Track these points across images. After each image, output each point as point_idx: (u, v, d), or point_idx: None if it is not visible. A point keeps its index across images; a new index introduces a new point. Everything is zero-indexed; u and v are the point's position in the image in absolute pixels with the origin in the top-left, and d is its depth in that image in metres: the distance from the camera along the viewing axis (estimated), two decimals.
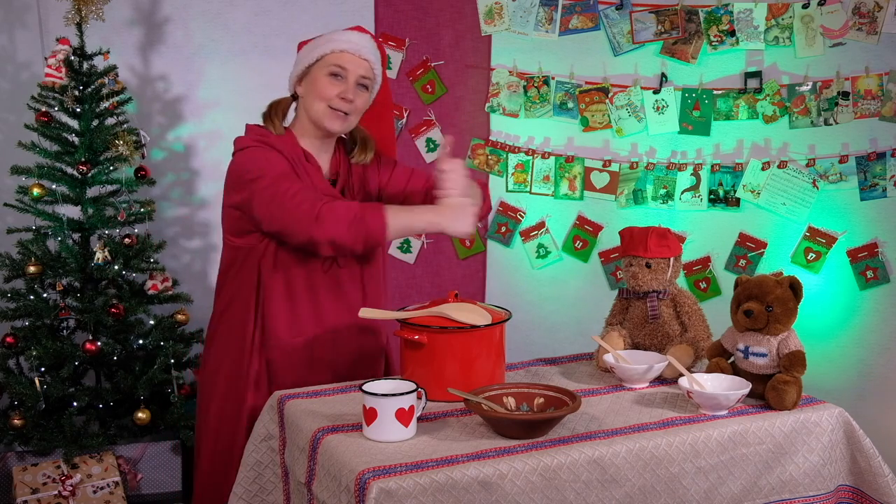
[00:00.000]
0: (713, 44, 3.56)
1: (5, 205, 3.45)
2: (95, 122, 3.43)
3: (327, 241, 2.20)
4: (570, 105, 3.73)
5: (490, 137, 3.84)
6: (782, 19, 3.49)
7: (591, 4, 3.67)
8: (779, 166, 3.52)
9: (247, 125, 2.49)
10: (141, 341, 3.44)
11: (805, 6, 3.46)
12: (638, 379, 2.27)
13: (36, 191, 3.34)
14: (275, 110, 2.47)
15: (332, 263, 2.40)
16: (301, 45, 2.49)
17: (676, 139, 3.67)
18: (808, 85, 3.48)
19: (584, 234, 3.78)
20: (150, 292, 3.45)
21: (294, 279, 2.38)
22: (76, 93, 3.38)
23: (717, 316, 2.50)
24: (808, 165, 3.49)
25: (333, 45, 2.38)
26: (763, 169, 3.55)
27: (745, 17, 3.52)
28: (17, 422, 3.26)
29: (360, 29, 2.48)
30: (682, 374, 2.16)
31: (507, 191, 3.84)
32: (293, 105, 2.51)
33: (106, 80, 3.43)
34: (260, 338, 2.40)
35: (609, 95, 3.68)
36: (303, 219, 2.20)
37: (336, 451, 1.89)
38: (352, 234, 2.19)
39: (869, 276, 3.42)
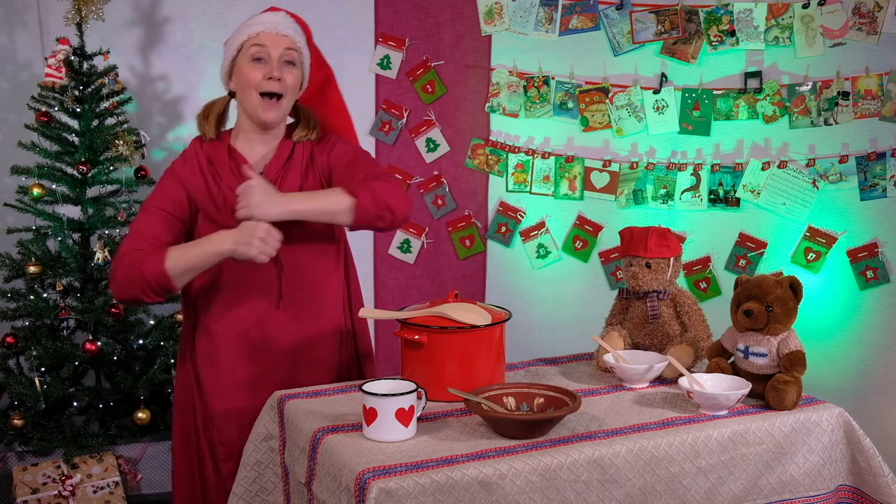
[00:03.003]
0: (713, 44, 3.56)
1: (5, 205, 3.45)
2: (95, 122, 3.44)
3: (125, 300, 2.29)
4: (570, 105, 3.74)
5: (490, 137, 3.84)
6: (782, 19, 3.49)
7: (591, 4, 3.67)
8: (779, 166, 3.52)
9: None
10: (141, 341, 3.44)
11: (805, 6, 3.46)
12: (638, 379, 2.27)
13: (36, 191, 3.35)
14: (208, 112, 2.45)
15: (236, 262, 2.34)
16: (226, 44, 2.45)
17: (676, 139, 3.67)
18: (808, 85, 3.48)
19: (584, 234, 3.78)
20: None
21: (218, 272, 2.35)
22: (76, 93, 3.38)
23: (717, 316, 2.50)
24: (808, 165, 3.49)
25: (249, 31, 2.36)
26: (763, 169, 3.55)
27: (745, 17, 3.52)
28: (17, 422, 3.26)
29: (273, 9, 2.43)
30: (682, 374, 2.16)
31: (507, 191, 3.84)
32: (227, 100, 2.46)
33: (106, 80, 3.43)
34: (192, 334, 2.42)
35: (609, 95, 3.68)
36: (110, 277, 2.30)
37: (336, 451, 1.89)
38: (134, 289, 2.23)
39: (869, 276, 3.42)
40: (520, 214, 3.83)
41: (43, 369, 3.31)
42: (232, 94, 2.44)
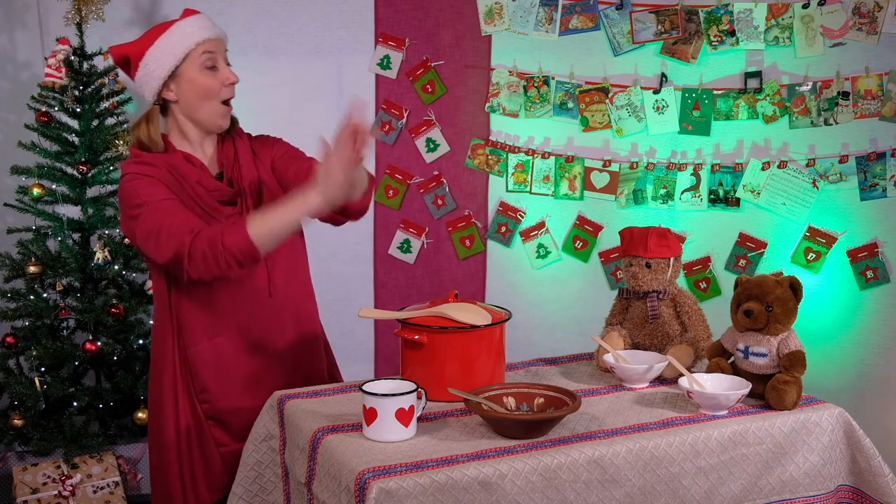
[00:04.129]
0: (713, 44, 3.56)
1: (5, 205, 3.45)
2: (95, 122, 3.44)
3: (208, 279, 2.19)
4: (570, 105, 3.74)
5: (490, 137, 3.84)
6: (782, 19, 3.49)
7: (591, 4, 3.67)
8: (779, 166, 3.52)
9: (130, 147, 2.39)
10: (141, 341, 3.44)
11: (805, 6, 3.46)
12: (638, 379, 2.27)
13: (36, 191, 3.35)
14: (147, 127, 2.32)
15: None
16: (123, 48, 2.37)
17: (676, 139, 3.67)
18: (808, 85, 3.48)
19: (584, 234, 3.78)
20: (150, 292, 3.45)
21: (196, 286, 2.30)
22: (76, 93, 3.38)
23: (717, 316, 2.50)
24: (808, 165, 3.49)
25: (193, 39, 2.30)
26: (763, 169, 3.55)
27: (745, 17, 3.52)
28: (17, 422, 3.26)
29: (192, 11, 2.38)
30: (682, 374, 2.16)
31: (507, 191, 3.84)
32: (157, 110, 2.36)
33: (106, 80, 3.43)
34: (178, 344, 2.36)
35: (609, 95, 3.68)
36: (176, 260, 2.17)
37: (336, 451, 1.89)
38: (221, 265, 2.14)
39: (869, 276, 3.42)
40: (520, 214, 3.83)
41: (43, 369, 3.31)
42: (160, 104, 2.35)
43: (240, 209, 2.36)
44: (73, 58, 3.40)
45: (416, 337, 2.13)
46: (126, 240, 3.43)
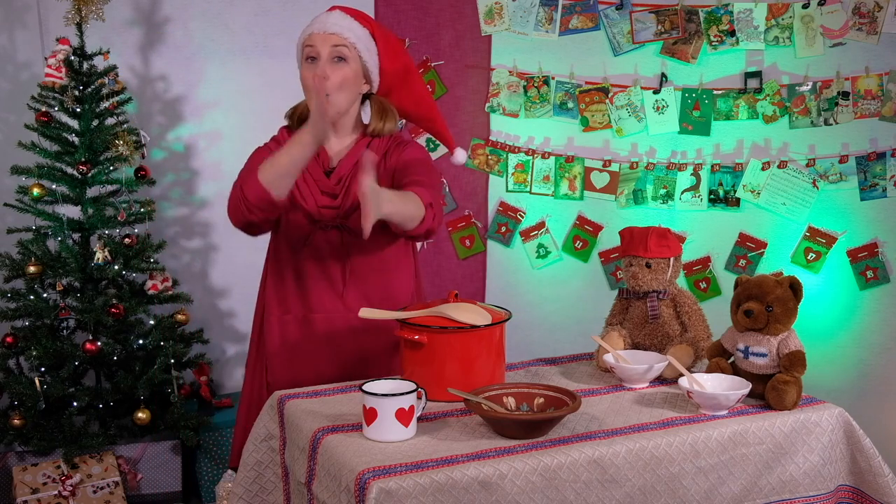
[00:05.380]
0: (713, 44, 3.56)
1: (5, 205, 3.45)
2: (95, 122, 3.43)
3: (242, 225, 2.34)
4: (570, 105, 3.74)
5: (490, 137, 3.84)
6: (782, 19, 3.49)
7: (591, 4, 3.67)
8: (779, 166, 3.52)
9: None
10: (141, 341, 3.44)
11: (805, 6, 3.46)
12: (638, 379, 2.27)
13: (36, 191, 3.34)
14: (293, 112, 2.53)
15: (306, 244, 2.44)
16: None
17: (676, 139, 3.67)
18: (808, 85, 3.48)
19: (584, 234, 3.78)
20: (150, 292, 3.45)
21: (282, 258, 2.47)
22: (76, 93, 3.38)
23: (717, 316, 2.50)
24: (808, 165, 3.49)
25: (305, 34, 2.41)
26: (763, 169, 3.55)
27: (745, 17, 3.52)
28: (17, 422, 3.26)
29: (333, 8, 2.44)
30: (682, 374, 2.16)
31: (507, 191, 3.84)
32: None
33: (106, 80, 3.43)
34: (261, 311, 2.53)
35: (609, 95, 3.68)
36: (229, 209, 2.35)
37: (336, 451, 1.89)
38: (242, 210, 2.27)
39: (869, 276, 3.42)
40: (520, 214, 3.83)
41: (43, 369, 3.31)
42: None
43: (338, 203, 2.41)
44: (73, 58, 3.39)
45: (416, 337, 2.12)
46: (126, 239, 3.43)
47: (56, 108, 3.40)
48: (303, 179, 2.40)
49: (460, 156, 2.65)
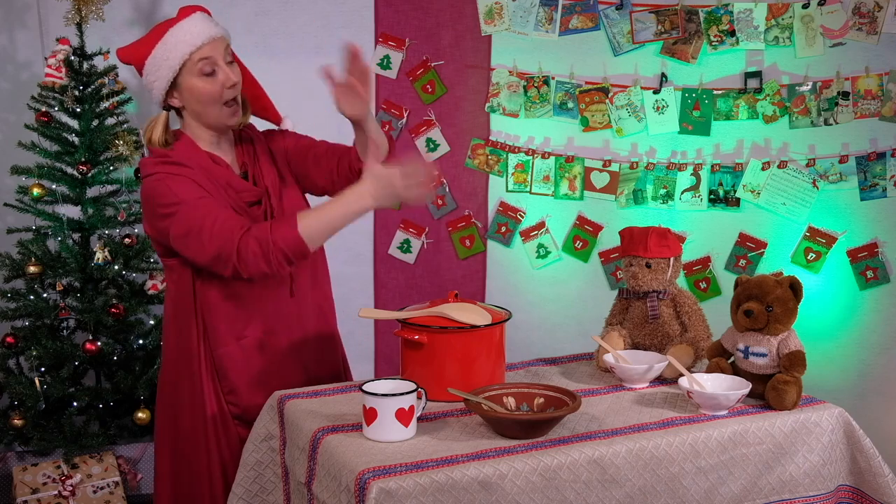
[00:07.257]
0: (713, 44, 3.56)
1: (5, 205, 3.45)
2: (95, 122, 3.44)
3: (257, 276, 2.20)
4: (570, 105, 3.74)
5: (490, 137, 3.84)
6: (782, 19, 3.49)
7: (591, 4, 3.67)
8: (779, 166, 3.52)
9: (151, 148, 2.38)
10: (141, 341, 3.44)
11: (805, 6, 3.46)
12: (638, 379, 2.27)
13: (36, 191, 3.35)
14: (152, 130, 2.34)
15: None
16: (126, 54, 2.37)
17: (676, 139, 3.67)
18: (808, 85, 3.48)
19: (584, 234, 3.78)
20: (150, 292, 3.45)
21: (227, 280, 2.29)
22: (76, 93, 3.38)
23: (717, 316, 2.50)
24: (808, 165, 3.49)
25: (187, 47, 2.26)
26: (763, 169, 3.55)
27: (745, 17, 3.52)
28: (17, 422, 3.26)
29: (185, 12, 2.33)
30: (682, 374, 2.16)
31: (507, 191, 3.84)
32: (167, 115, 2.38)
33: (106, 80, 3.43)
34: (205, 345, 2.35)
35: (609, 95, 3.68)
36: (220, 258, 2.17)
37: (336, 451, 1.89)
38: (271, 262, 2.15)
39: (869, 276, 3.42)
40: (520, 214, 3.83)
41: (43, 369, 3.31)
42: (169, 109, 2.38)
43: (265, 208, 2.35)
44: (73, 58, 3.40)
45: (416, 337, 2.13)
46: (126, 239, 3.43)
47: (56, 108, 3.41)
48: (226, 199, 2.28)
49: (288, 123, 2.60)
